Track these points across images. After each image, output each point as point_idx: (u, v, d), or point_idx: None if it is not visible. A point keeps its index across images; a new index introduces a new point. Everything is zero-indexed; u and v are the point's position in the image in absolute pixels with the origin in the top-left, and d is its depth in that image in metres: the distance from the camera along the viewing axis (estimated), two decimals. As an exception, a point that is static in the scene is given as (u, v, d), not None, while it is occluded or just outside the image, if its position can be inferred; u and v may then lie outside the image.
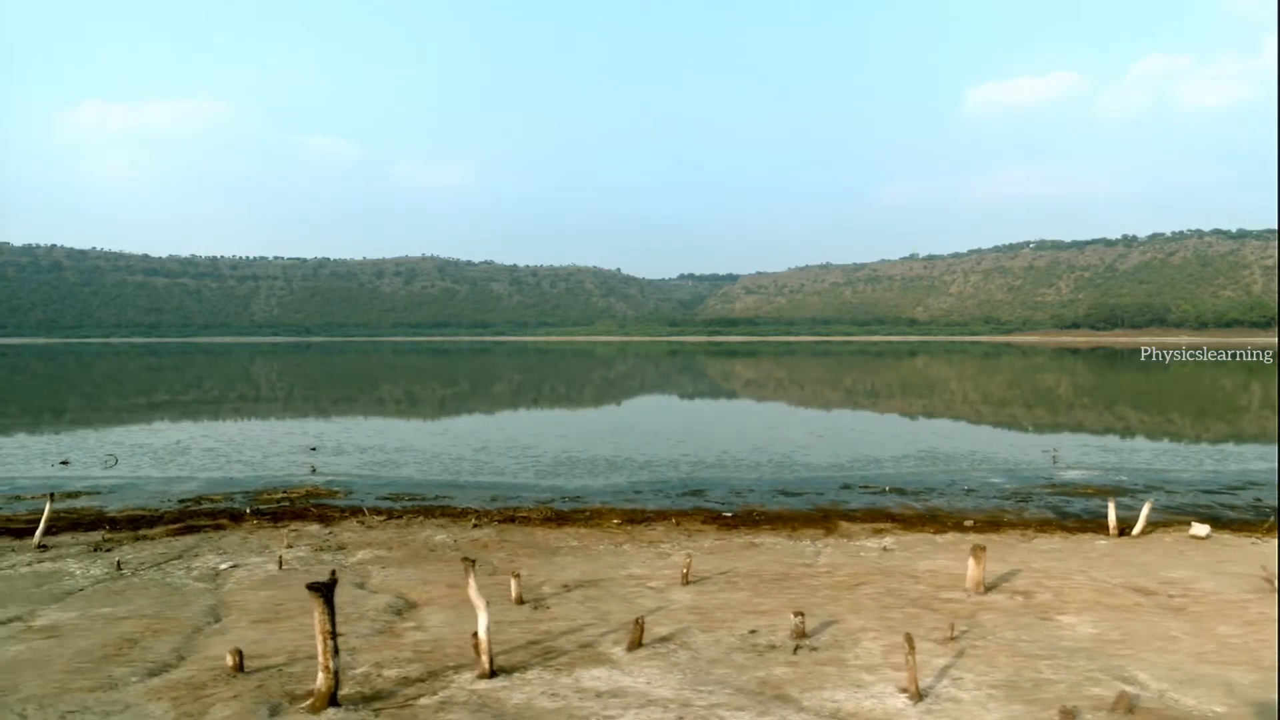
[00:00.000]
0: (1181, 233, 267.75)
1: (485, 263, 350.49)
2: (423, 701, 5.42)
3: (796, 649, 6.58)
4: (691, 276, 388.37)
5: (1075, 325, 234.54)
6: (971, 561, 8.40)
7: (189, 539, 11.25)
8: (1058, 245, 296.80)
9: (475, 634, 5.89)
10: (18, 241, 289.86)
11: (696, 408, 37.23)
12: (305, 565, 9.64)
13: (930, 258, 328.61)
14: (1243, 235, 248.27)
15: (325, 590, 5.23)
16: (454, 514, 13.07)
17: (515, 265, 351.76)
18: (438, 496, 14.89)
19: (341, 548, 10.59)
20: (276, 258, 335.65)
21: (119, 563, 9.55)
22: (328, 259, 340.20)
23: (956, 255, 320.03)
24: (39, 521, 12.62)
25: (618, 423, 30.24)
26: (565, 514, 13.25)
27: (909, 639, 5.62)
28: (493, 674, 5.80)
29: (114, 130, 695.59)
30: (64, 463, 18.92)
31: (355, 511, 13.18)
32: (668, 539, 11.46)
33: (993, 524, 13.01)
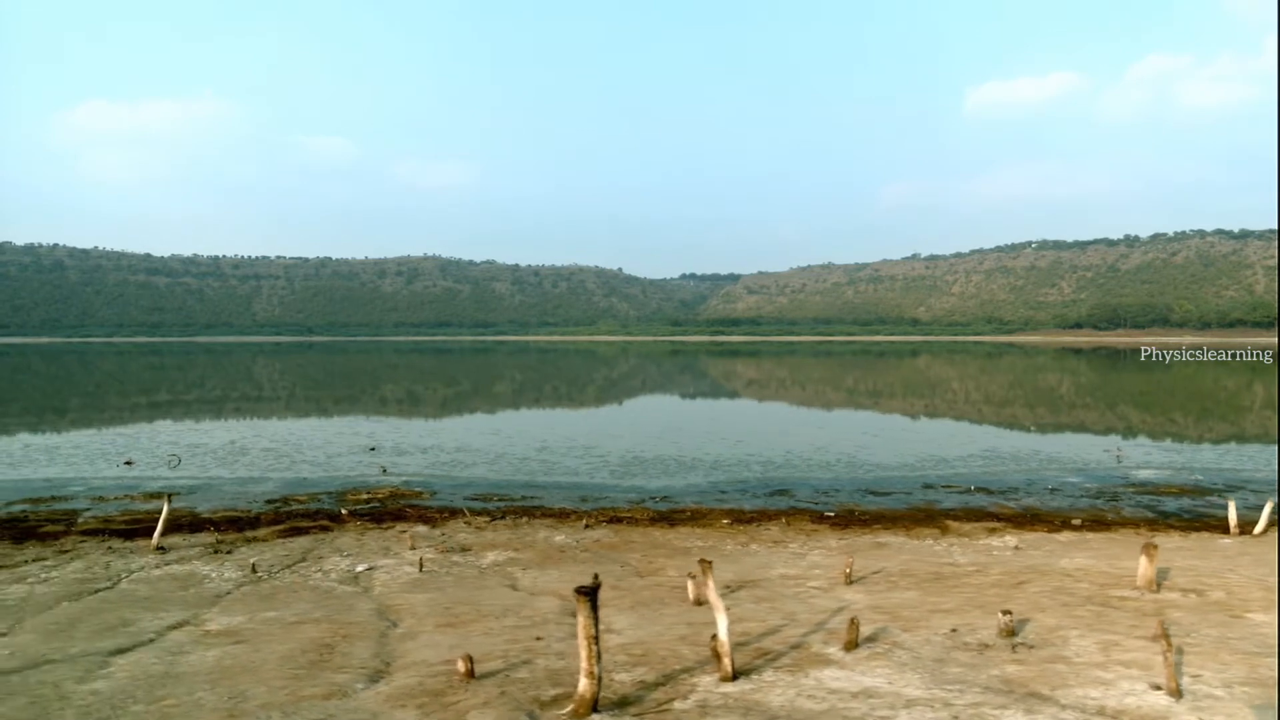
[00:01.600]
0: (1184, 232, 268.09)
1: (487, 262, 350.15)
2: (678, 706, 5.25)
3: (1015, 647, 6.42)
4: (693, 276, 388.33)
5: (1078, 325, 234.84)
6: (1144, 560, 8.25)
7: (301, 540, 11.06)
8: (1059, 245, 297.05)
9: (715, 636, 5.73)
10: (20, 241, 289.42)
11: (734, 409, 37.04)
12: (442, 568, 9.46)
13: (932, 257, 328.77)
14: (1245, 235, 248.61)
15: (592, 594, 5.05)
16: (556, 515, 12.89)
17: (517, 265, 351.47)
18: (525, 497, 14.70)
19: (466, 549, 10.40)
20: (278, 257, 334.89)
21: (253, 565, 9.36)
22: (330, 258, 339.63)
23: (958, 255, 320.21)
24: (137, 522, 12.49)
25: (665, 423, 30.06)
26: (668, 514, 13.08)
27: (1165, 636, 5.47)
28: (734, 676, 5.63)
29: (115, 130, 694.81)
30: (128, 463, 18.71)
31: (454, 512, 12.99)
32: (789, 538, 11.30)
33: (1100, 523, 12.86)
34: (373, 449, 20.91)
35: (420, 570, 9.23)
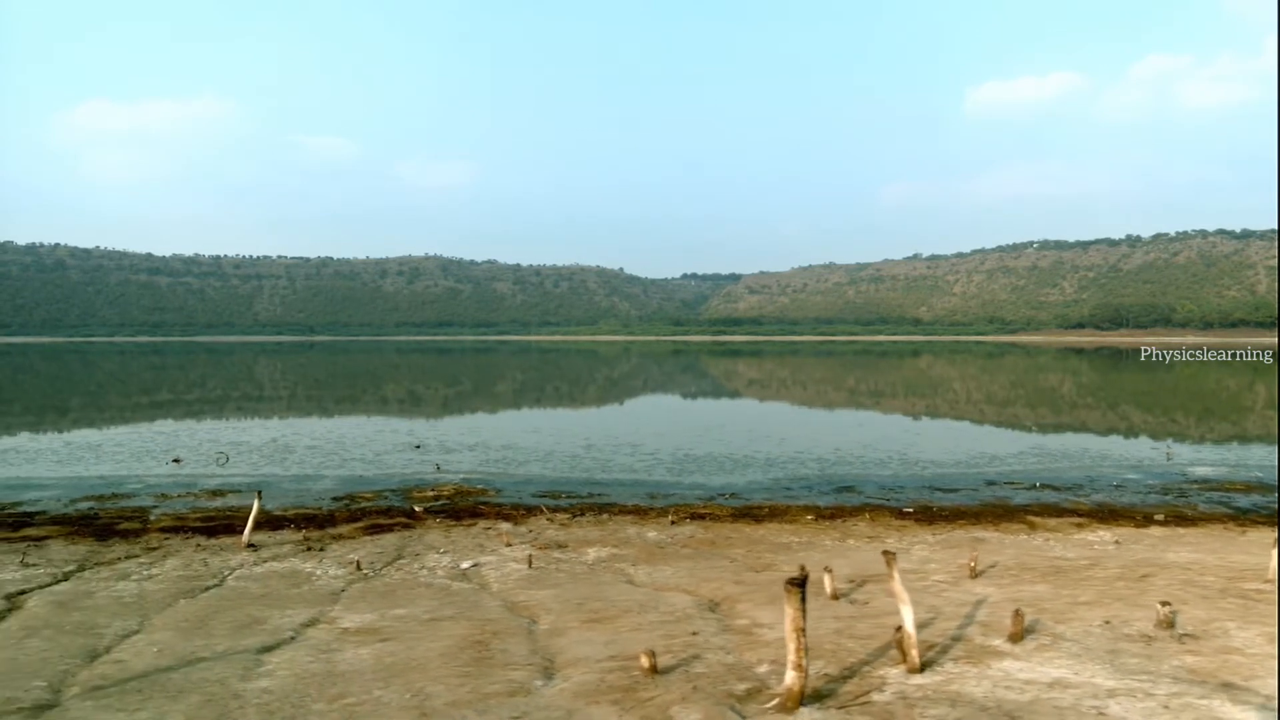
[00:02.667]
0: (1185, 232, 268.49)
1: (489, 262, 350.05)
2: (877, 698, 5.12)
3: (1180, 639, 6.30)
4: (694, 276, 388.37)
5: (1080, 325, 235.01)
6: (1276, 553, 8.14)
7: (389, 538, 10.91)
8: (1061, 245, 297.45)
9: (900, 628, 5.60)
10: (22, 240, 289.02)
11: (763, 408, 36.92)
12: (549, 564, 9.31)
13: (933, 257, 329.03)
14: (1247, 235, 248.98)
15: (802, 586, 4.93)
16: (634, 511, 12.75)
17: (519, 265, 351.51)
18: (591, 495, 14.56)
19: (563, 546, 10.26)
20: (280, 257, 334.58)
21: (357, 563, 9.22)
22: (331, 258, 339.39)
23: (960, 255, 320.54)
24: (211, 519, 12.35)
25: (702, 422, 29.94)
26: (746, 510, 12.95)
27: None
28: (921, 669, 5.51)
29: (116, 130, 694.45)
30: (176, 460, 18.56)
31: (531, 509, 12.85)
32: (882, 533, 11.17)
33: (1183, 519, 12.74)
34: (418, 447, 20.76)
35: (530, 567, 9.08)
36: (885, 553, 5.92)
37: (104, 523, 12.01)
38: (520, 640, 6.54)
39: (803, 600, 4.92)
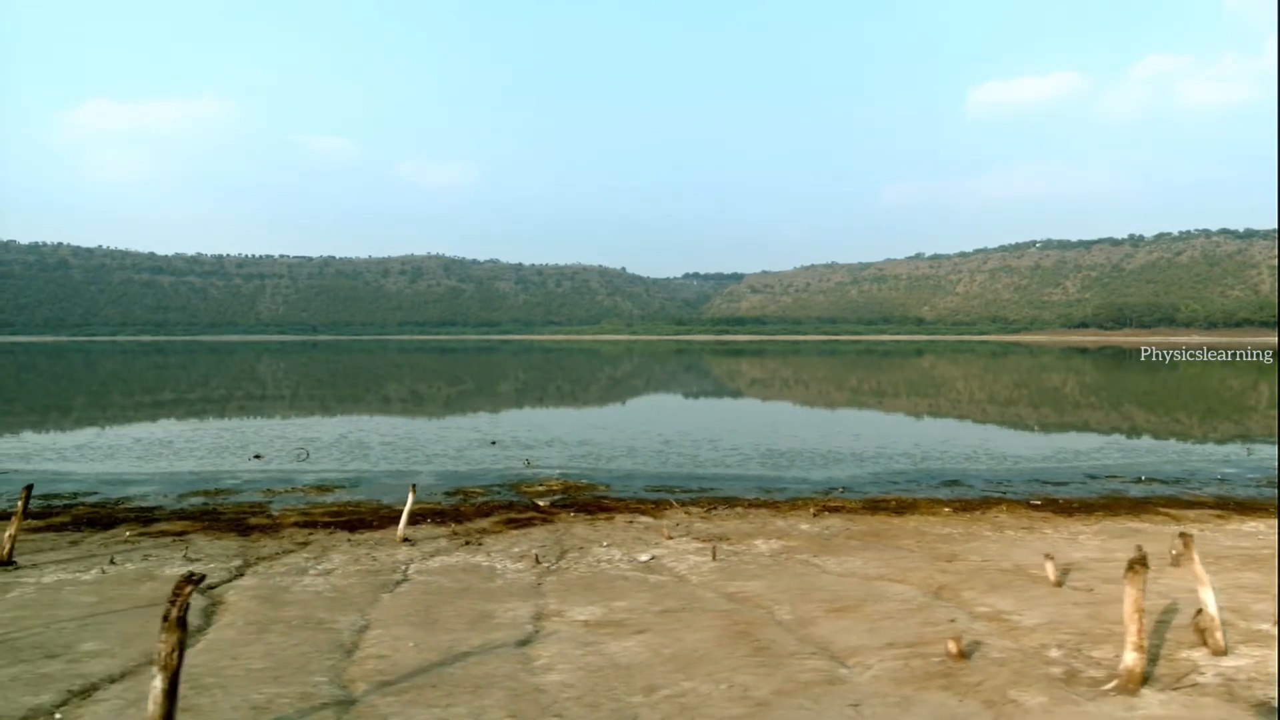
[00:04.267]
0: (1188, 232, 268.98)
1: (491, 261, 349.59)
2: (1200, 680, 4.97)
3: None
4: (696, 275, 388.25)
5: (1083, 325, 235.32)
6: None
7: (536, 531, 10.70)
8: (1064, 245, 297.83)
9: (1201, 611, 5.45)
10: (24, 239, 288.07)
11: (808, 407, 36.76)
12: (728, 556, 9.11)
13: (936, 257, 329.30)
14: (1250, 235, 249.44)
15: (1144, 566, 4.76)
16: (766, 505, 12.56)
17: (521, 264, 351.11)
18: (702, 489, 14.35)
19: (725, 538, 10.06)
20: (282, 256, 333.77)
21: (536, 556, 9.02)
22: (333, 258, 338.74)
23: (962, 255, 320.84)
24: (338, 515, 12.13)
25: (763, 418, 29.79)
26: (875, 503, 12.77)
27: None
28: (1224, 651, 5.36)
29: (118, 129, 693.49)
30: (257, 456, 18.34)
31: (658, 504, 12.65)
32: (1034, 525, 10.98)
33: (1316, 513, 12.60)
34: (493, 442, 20.54)
35: (714, 559, 8.89)
36: (1183, 534, 5.77)
37: (230, 518, 11.79)
38: (776, 630, 6.35)
39: (1144, 582, 4.75)
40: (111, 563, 8.81)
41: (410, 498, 10.38)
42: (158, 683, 4.20)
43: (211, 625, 6.63)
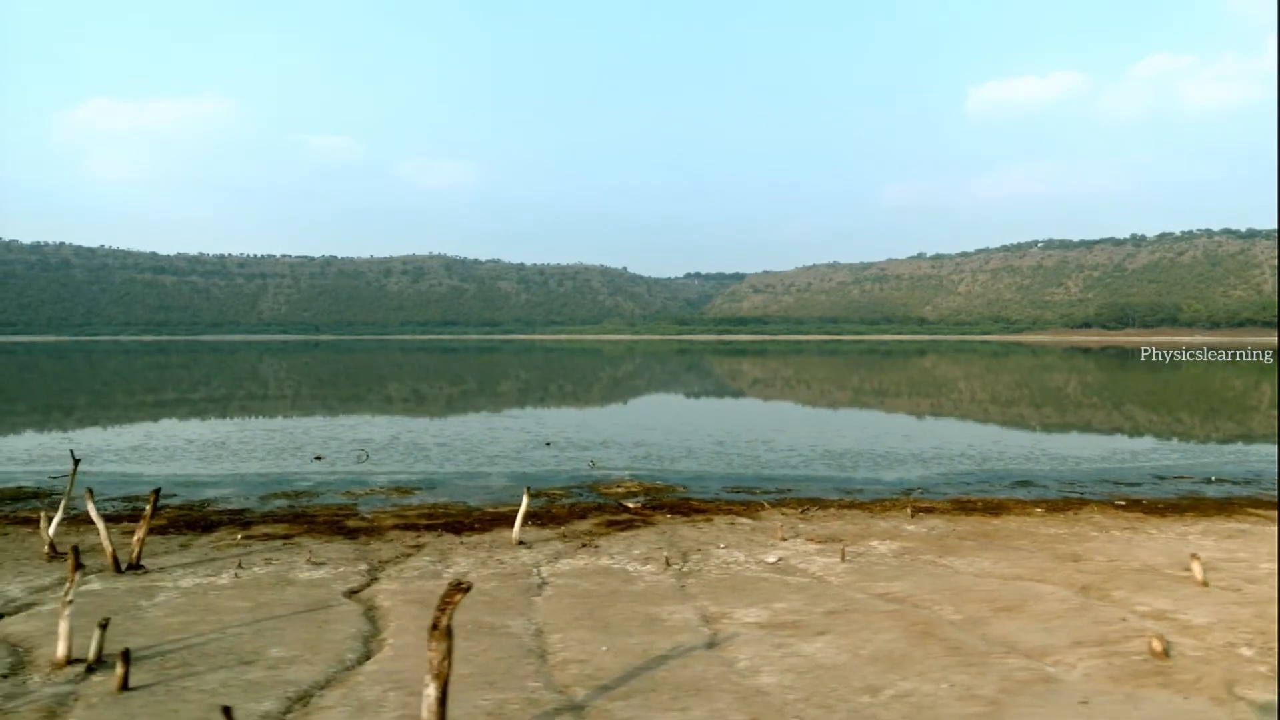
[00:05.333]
0: (1190, 232, 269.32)
1: (492, 261, 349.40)
2: None
3: None
4: (698, 275, 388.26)
5: (1086, 325, 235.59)
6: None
7: (644, 533, 10.67)
8: (1066, 245, 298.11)
9: None
10: (26, 239, 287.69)
11: (839, 410, 36.76)
12: (858, 557, 9.10)
13: (938, 257, 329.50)
14: (1252, 235, 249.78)
15: None
16: (858, 506, 12.55)
17: (522, 264, 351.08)
18: (779, 490, 14.35)
19: (837, 539, 10.05)
20: (284, 256, 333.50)
21: (667, 559, 9.01)
22: (335, 257, 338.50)
23: (964, 254, 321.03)
24: (433, 516, 12.11)
25: (809, 420, 29.79)
26: (963, 503, 12.77)
27: None
28: None
29: (120, 129, 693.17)
30: (318, 458, 18.31)
31: (748, 505, 12.65)
32: (1136, 525, 10.99)
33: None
34: (548, 443, 20.53)
35: (843, 560, 8.88)
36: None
37: (325, 520, 11.76)
38: (953, 630, 6.37)
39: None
40: (239, 567, 8.79)
41: (525, 501, 10.37)
42: (431, 691, 4.19)
43: (384, 631, 6.61)
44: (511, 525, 11.30)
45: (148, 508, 8.93)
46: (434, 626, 4.20)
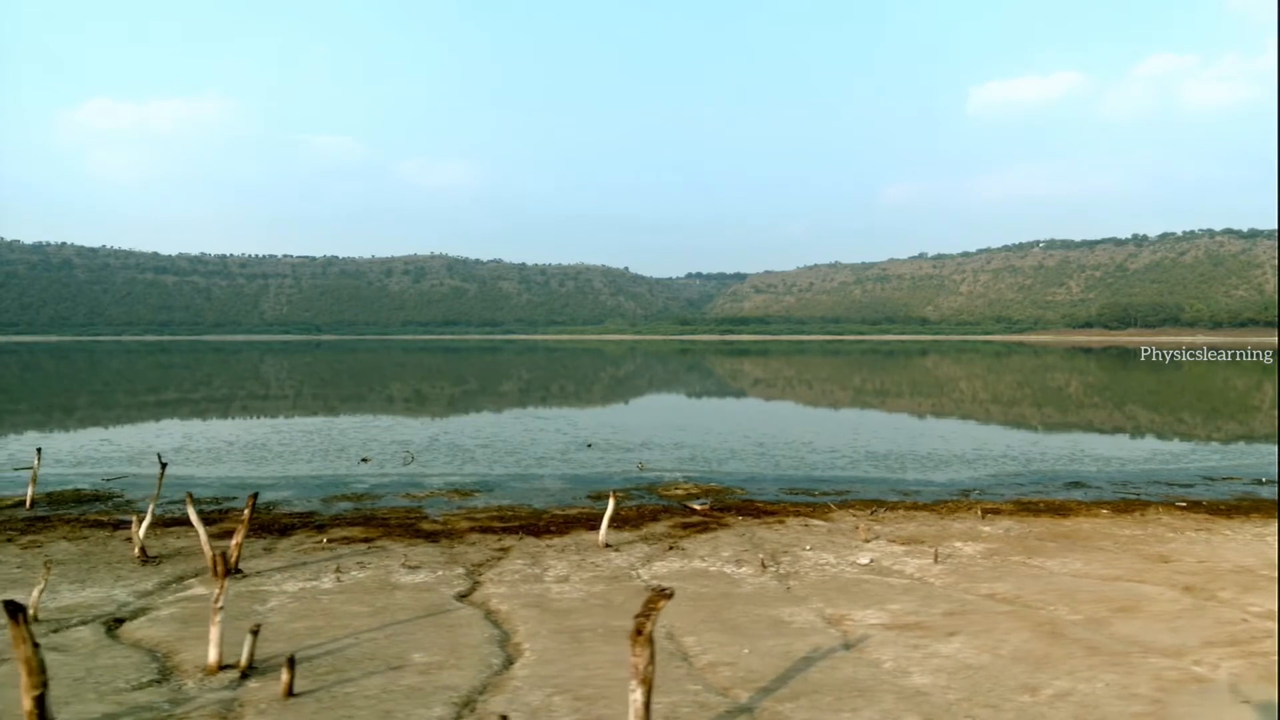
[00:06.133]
0: (1192, 232, 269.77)
1: (494, 261, 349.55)
2: None
3: None
4: (699, 275, 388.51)
5: (1088, 325, 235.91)
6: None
7: (723, 534, 10.72)
8: (1067, 245, 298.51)
9: None
10: (28, 239, 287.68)
11: (864, 410, 36.83)
12: (949, 559, 9.15)
13: (939, 257, 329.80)
14: (1254, 235, 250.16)
15: None
16: (924, 507, 12.61)
17: (524, 264, 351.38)
18: (838, 491, 14.41)
19: (918, 540, 10.11)
20: (285, 256, 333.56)
21: (763, 561, 9.06)
22: (336, 257, 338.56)
23: (966, 254, 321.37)
24: (501, 519, 12.15)
25: (835, 421, 29.84)
26: (1025, 504, 12.83)
27: None
28: None
29: (121, 129, 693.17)
30: (364, 460, 18.35)
31: (816, 507, 12.70)
32: (1210, 525, 11.06)
33: None
34: (589, 445, 20.57)
35: (936, 561, 8.94)
36: None
37: (397, 523, 11.79)
38: (1080, 630, 6.46)
39: None
40: (338, 571, 8.83)
41: (610, 505, 10.41)
42: (638, 695, 4.24)
43: (515, 636, 6.65)
44: (586, 528, 11.36)
45: (245, 511, 8.96)
46: (638, 632, 4.24)
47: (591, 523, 11.66)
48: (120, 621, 7.27)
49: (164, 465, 10.73)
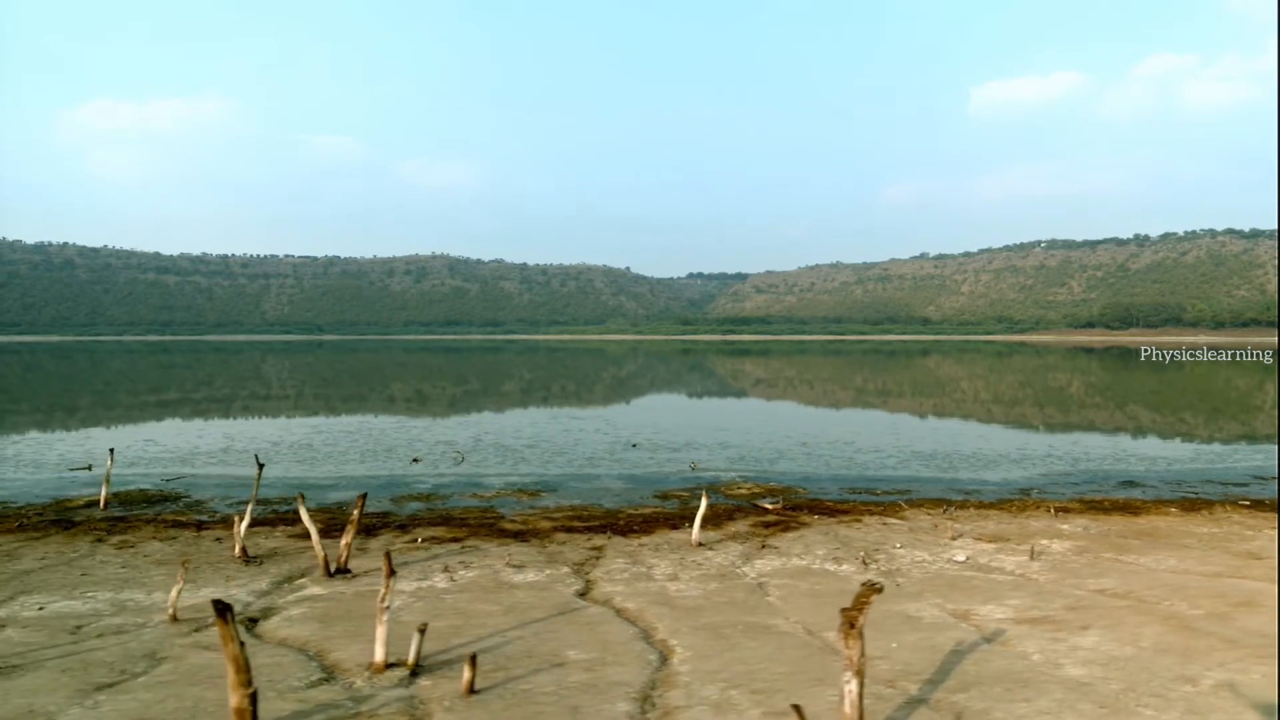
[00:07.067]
0: (1194, 232, 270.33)
1: (495, 261, 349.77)
2: None
3: None
4: (700, 275, 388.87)
5: (1089, 325, 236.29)
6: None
7: (805, 533, 10.86)
8: (1069, 244, 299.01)
9: None
10: (30, 239, 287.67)
11: (894, 410, 36.99)
12: (1042, 556, 9.29)
13: (940, 257, 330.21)
14: (1255, 235, 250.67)
15: None
16: (991, 506, 12.76)
17: (525, 264, 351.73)
18: (899, 490, 14.56)
19: (1004, 539, 10.26)
20: (287, 256, 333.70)
21: (864, 559, 9.21)
22: (338, 257, 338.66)
23: (967, 254, 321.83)
24: (580, 519, 12.28)
25: (867, 422, 30.00)
26: (1095, 503, 12.98)
27: None
28: None
29: (122, 129, 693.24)
30: (416, 460, 18.48)
31: (887, 506, 12.84)
32: (1273, 525, 11.25)
33: None
34: (634, 445, 20.70)
35: (1032, 558, 9.08)
36: None
37: (476, 522, 11.91)
38: (1210, 624, 6.61)
39: None
40: (446, 569, 8.96)
41: (704, 504, 10.55)
42: (853, 686, 4.38)
43: (657, 633, 6.77)
44: (667, 527, 11.51)
45: (355, 512, 9.09)
46: (850, 625, 4.38)
47: (671, 521, 11.81)
48: (254, 621, 7.40)
49: (261, 466, 10.86)
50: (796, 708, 4.25)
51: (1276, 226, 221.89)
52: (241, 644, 5.10)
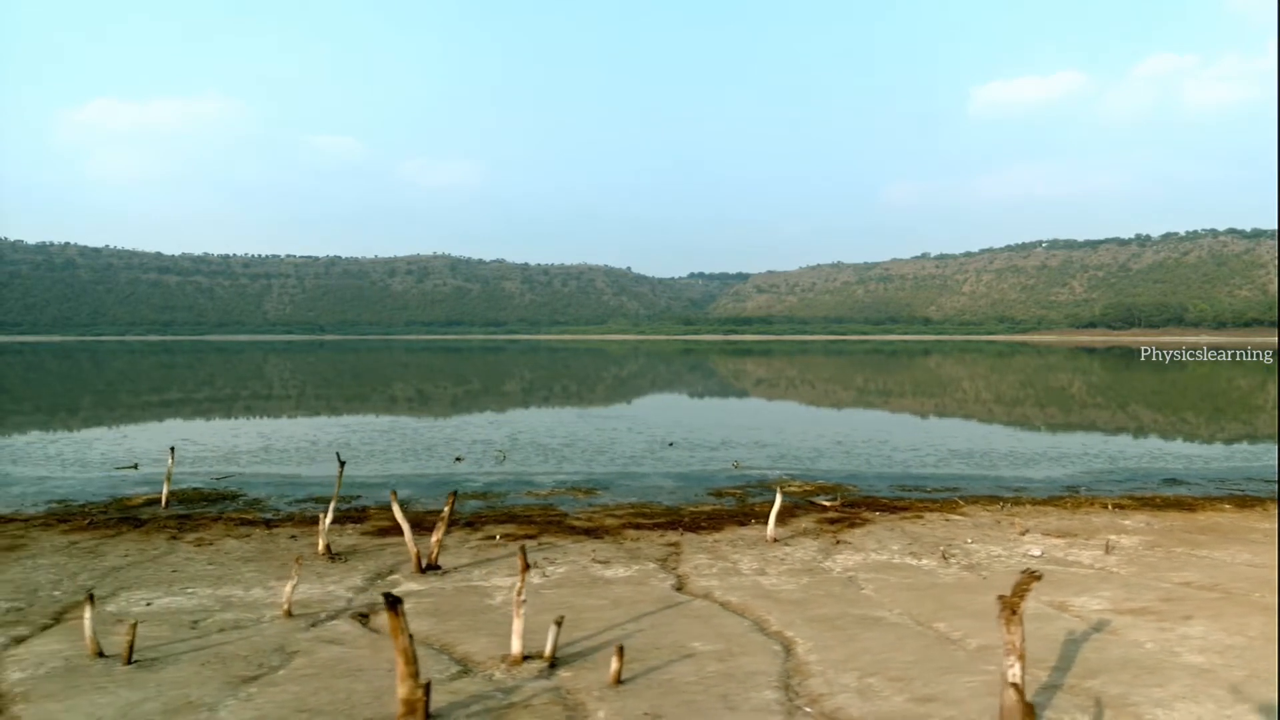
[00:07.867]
0: (1195, 232, 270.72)
1: (497, 261, 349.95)
2: None
3: None
4: (701, 275, 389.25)
5: (1091, 325, 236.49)
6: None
7: (873, 529, 11.00)
8: (1070, 244, 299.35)
9: None
10: (32, 239, 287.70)
11: (925, 413, 37.18)
12: (1119, 553, 9.48)
13: (942, 257, 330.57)
14: (1257, 235, 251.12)
15: None
16: (1045, 503, 12.94)
17: (527, 264, 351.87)
18: (946, 488, 14.74)
19: (1072, 534, 10.45)
20: (288, 256, 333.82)
21: (944, 553, 9.39)
22: (339, 257, 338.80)
23: (968, 254, 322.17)
24: (644, 517, 12.44)
25: (893, 422, 30.18)
26: (1146, 500, 13.17)
27: None
28: None
29: (124, 128, 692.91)
30: (458, 459, 18.64)
31: (944, 503, 13.02)
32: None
33: None
34: (671, 444, 20.87)
35: (1107, 552, 9.27)
36: None
37: (544, 520, 12.08)
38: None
39: None
40: (535, 566, 9.13)
41: (778, 500, 10.72)
42: (1016, 668, 4.56)
43: (767, 625, 6.94)
44: (734, 523, 11.69)
45: (445, 510, 9.27)
46: (1012, 611, 4.56)
47: (736, 518, 11.99)
48: (365, 616, 7.55)
49: (343, 464, 11.03)
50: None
51: (1277, 226, 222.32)
52: (410, 636, 5.29)
